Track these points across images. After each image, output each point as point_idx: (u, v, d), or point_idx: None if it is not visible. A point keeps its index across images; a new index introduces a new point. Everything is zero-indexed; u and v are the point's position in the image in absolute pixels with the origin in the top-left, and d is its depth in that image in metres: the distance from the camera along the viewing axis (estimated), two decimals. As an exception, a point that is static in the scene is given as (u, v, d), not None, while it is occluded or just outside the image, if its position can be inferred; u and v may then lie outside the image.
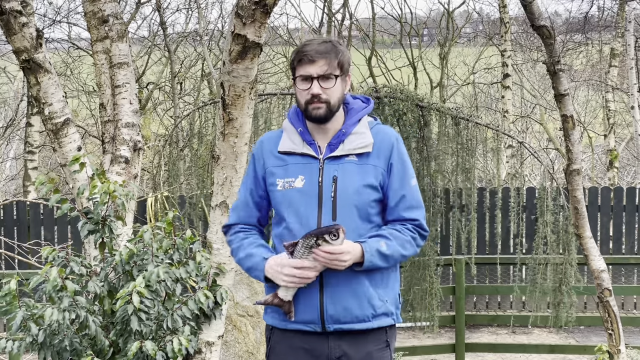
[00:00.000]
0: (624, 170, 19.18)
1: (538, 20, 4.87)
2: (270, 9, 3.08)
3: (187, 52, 16.15)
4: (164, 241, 3.42)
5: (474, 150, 6.58)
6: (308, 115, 2.67)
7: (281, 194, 2.66)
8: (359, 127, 2.71)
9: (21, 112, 15.31)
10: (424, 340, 8.64)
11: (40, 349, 3.25)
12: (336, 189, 2.61)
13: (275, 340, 2.74)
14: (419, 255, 6.72)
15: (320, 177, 2.64)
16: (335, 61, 2.63)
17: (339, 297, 2.61)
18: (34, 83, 4.12)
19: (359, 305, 2.62)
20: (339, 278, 2.60)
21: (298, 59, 2.65)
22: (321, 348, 2.65)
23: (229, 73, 3.27)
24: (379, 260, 2.59)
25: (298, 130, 2.71)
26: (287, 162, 2.68)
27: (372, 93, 6.31)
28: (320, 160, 2.66)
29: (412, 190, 2.73)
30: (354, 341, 2.65)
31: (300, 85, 2.65)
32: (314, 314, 2.62)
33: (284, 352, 2.70)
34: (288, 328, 2.68)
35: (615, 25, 14.50)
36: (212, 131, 7.12)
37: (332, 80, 2.63)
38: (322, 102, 2.62)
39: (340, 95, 2.68)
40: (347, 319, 2.62)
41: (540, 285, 6.67)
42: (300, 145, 2.69)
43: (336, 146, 2.67)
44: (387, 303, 2.68)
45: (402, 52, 14.95)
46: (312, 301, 2.62)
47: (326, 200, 2.61)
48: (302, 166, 2.66)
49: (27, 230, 9.57)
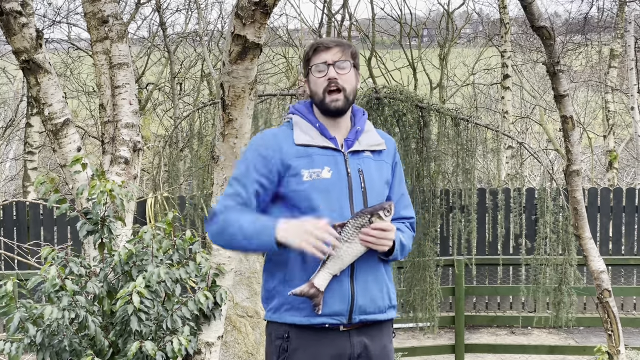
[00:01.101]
0: (623, 171, 19.18)
1: (538, 21, 4.87)
2: (270, 10, 3.08)
3: (187, 53, 16.16)
4: (163, 242, 3.42)
5: (473, 151, 6.58)
6: (326, 108, 2.64)
7: (309, 184, 2.57)
8: (368, 125, 2.78)
9: (21, 113, 15.31)
10: (423, 341, 8.64)
11: (39, 349, 3.24)
12: (364, 180, 2.64)
13: (294, 348, 2.59)
14: (419, 255, 6.72)
15: (347, 168, 2.64)
16: (349, 50, 2.68)
17: (368, 288, 2.62)
18: (33, 83, 4.12)
19: (381, 296, 2.66)
20: (367, 268, 2.62)
21: (314, 48, 2.68)
22: (345, 347, 2.60)
23: (228, 74, 3.27)
24: (399, 252, 2.67)
25: (316, 126, 2.67)
26: (310, 153, 2.62)
27: (372, 94, 6.31)
28: (344, 153, 2.66)
29: (406, 190, 2.84)
30: (373, 335, 2.67)
31: (316, 73, 2.65)
32: (344, 305, 2.58)
33: (310, 355, 2.58)
34: (312, 323, 2.57)
35: (614, 26, 14.51)
36: (212, 132, 7.12)
37: (347, 68, 2.65)
38: (339, 90, 2.63)
39: (355, 86, 2.70)
40: (371, 309, 2.64)
41: (543, 285, 6.67)
42: (319, 138, 2.66)
43: (353, 142, 2.69)
44: (394, 296, 2.75)
45: (401, 53, 14.96)
46: (344, 291, 2.58)
47: (356, 191, 2.62)
48: (327, 158, 2.62)
49: (26, 230, 9.57)
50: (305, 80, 2.75)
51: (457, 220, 6.95)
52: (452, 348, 7.66)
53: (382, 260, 2.65)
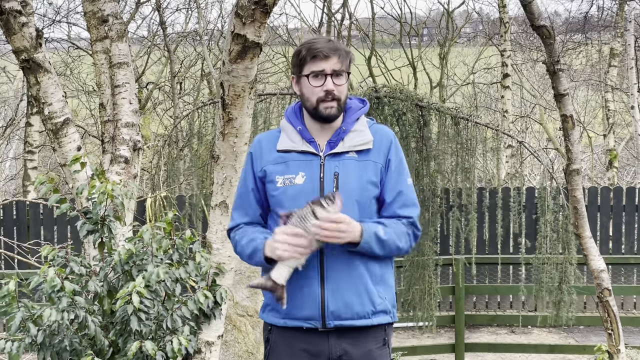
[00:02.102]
0: (623, 170, 19.18)
1: (538, 20, 4.87)
2: (270, 9, 3.08)
3: (187, 52, 16.14)
4: (163, 241, 3.42)
5: (473, 150, 6.58)
6: (319, 114, 2.65)
7: (282, 190, 2.64)
8: (357, 125, 2.71)
9: (21, 112, 15.31)
10: (423, 340, 8.64)
11: (39, 349, 3.25)
12: (338, 184, 2.61)
13: (274, 341, 2.71)
14: (418, 255, 6.72)
15: (321, 173, 2.63)
16: (346, 59, 2.65)
17: (340, 293, 2.59)
18: (33, 83, 4.12)
19: (360, 302, 2.61)
20: (340, 272, 2.59)
21: (311, 55, 2.62)
22: (322, 348, 2.63)
23: (228, 73, 3.27)
24: (375, 244, 2.58)
25: (297, 129, 2.69)
26: (286, 159, 2.67)
27: (371, 93, 6.31)
28: (321, 157, 2.65)
29: (408, 188, 2.73)
30: (355, 339, 2.64)
31: (314, 82, 2.63)
32: (315, 309, 2.60)
33: (285, 353, 2.68)
34: (288, 325, 2.65)
35: (614, 25, 14.51)
36: (212, 131, 7.12)
37: (344, 78, 2.64)
38: (335, 99, 2.62)
39: (347, 94, 2.70)
40: (348, 315, 2.60)
41: (546, 284, 6.67)
42: (299, 143, 2.68)
43: (336, 143, 2.66)
44: (386, 300, 2.67)
45: (401, 52, 14.95)
46: (313, 296, 2.60)
47: None
48: (303, 163, 2.65)
49: (26, 230, 9.57)
50: (294, 79, 2.73)
51: (456, 219, 6.95)
52: (452, 347, 7.67)
53: (351, 252, 2.59)
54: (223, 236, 3.64)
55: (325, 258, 2.60)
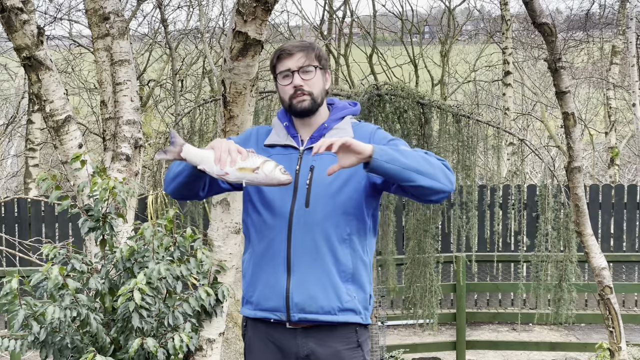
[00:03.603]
0: (625, 168, 19.17)
1: (539, 18, 4.86)
2: (271, 6, 3.08)
3: (188, 50, 16.14)
4: (164, 239, 3.42)
5: (474, 148, 6.57)
6: (293, 110, 2.69)
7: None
8: (341, 123, 2.74)
9: (22, 110, 15.32)
10: (424, 338, 8.65)
11: (42, 346, 3.25)
12: (312, 177, 2.62)
13: (249, 337, 2.77)
14: (419, 252, 6.72)
15: (298, 166, 2.66)
16: (312, 54, 2.69)
17: (305, 285, 2.60)
18: (35, 80, 4.12)
19: (325, 296, 2.60)
20: (306, 265, 2.60)
21: (277, 55, 2.69)
22: (290, 345, 2.65)
23: (230, 70, 3.27)
24: (395, 152, 2.42)
25: (284, 125, 2.75)
26: (269, 153, 2.70)
27: (373, 90, 6.31)
28: (300, 150, 2.70)
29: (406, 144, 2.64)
30: (321, 338, 2.64)
31: (282, 81, 2.69)
32: (280, 301, 2.62)
33: (259, 348, 2.72)
34: (257, 317, 2.69)
35: (616, 23, 14.49)
36: (213, 128, 7.12)
37: (312, 72, 2.67)
38: (306, 93, 2.66)
39: (322, 87, 2.72)
40: (312, 309, 2.60)
41: (544, 282, 6.67)
42: (284, 137, 2.74)
43: (317, 139, 2.68)
44: (355, 300, 2.65)
45: (403, 50, 14.95)
46: (278, 287, 2.62)
47: (301, 187, 2.63)
48: (283, 157, 2.68)
49: (28, 227, 9.59)
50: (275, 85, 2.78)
51: (457, 217, 6.95)
52: (453, 345, 7.67)
53: (319, 245, 2.57)
54: (224, 234, 3.64)
55: (292, 251, 2.61)
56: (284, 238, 2.62)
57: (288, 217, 2.62)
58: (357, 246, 2.65)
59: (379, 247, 7.02)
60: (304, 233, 2.60)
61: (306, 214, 2.60)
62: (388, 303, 8.85)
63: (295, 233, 2.61)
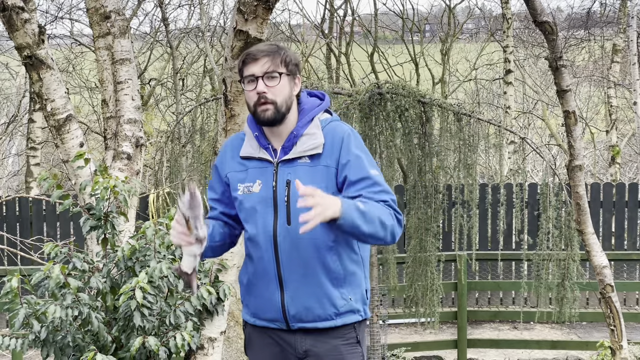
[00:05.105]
0: (626, 166, 19.15)
1: (540, 16, 4.86)
2: (272, 5, 3.09)
3: (189, 48, 16.14)
4: (166, 237, 3.42)
5: (476, 147, 6.56)
6: (257, 119, 2.61)
7: (242, 198, 2.65)
8: (310, 127, 2.63)
9: (23, 109, 15.31)
10: (425, 336, 8.64)
11: (43, 345, 3.25)
12: (289, 193, 2.57)
13: (249, 333, 2.79)
14: (420, 251, 6.72)
15: (274, 181, 2.60)
16: (278, 59, 2.58)
17: (299, 298, 2.60)
18: (36, 79, 4.12)
19: (320, 306, 2.60)
20: (297, 278, 2.59)
21: (242, 60, 2.59)
22: (290, 341, 2.67)
23: (231, 69, 3.27)
24: (357, 216, 2.42)
25: (254, 135, 2.66)
26: (247, 167, 2.66)
27: (374, 89, 6.31)
28: (274, 163, 2.62)
29: (374, 177, 2.58)
30: (319, 338, 2.65)
31: (247, 87, 2.60)
32: (277, 313, 2.64)
33: (259, 344, 2.75)
34: (257, 324, 2.72)
35: (617, 21, 14.48)
36: (214, 127, 7.12)
37: (277, 79, 2.57)
38: (269, 102, 2.56)
39: (288, 95, 2.60)
40: (310, 318, 2.61)
41: (545, 280, 6.67)
42: (257, 149, 2.65)
43: (289, 149, 2.61)
44: (352, 301, 2.64)
45: (404, 48, 14.95)
46: (274, 302, 2.63)
47: (281, 204, 2.59)
48: (260, 170, 2.63)
49: (29, 226, 9.58)
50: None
51: (459, 215, 6.95)
52: (454, 343, 7.67)
53: (307, 255, 2.56)
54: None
55: (280, 264, 2.59)
56: (271, 256, 2.60)
57: (272, 235, 2.59)
58: (345, 249, 2.62)
59: (380, 246, 7.01)
60: (290, 250, 2.58)
61: (289, 230, 2.57)
62: (389, 302, 8.85)
63: (282, 250, 2.59)
